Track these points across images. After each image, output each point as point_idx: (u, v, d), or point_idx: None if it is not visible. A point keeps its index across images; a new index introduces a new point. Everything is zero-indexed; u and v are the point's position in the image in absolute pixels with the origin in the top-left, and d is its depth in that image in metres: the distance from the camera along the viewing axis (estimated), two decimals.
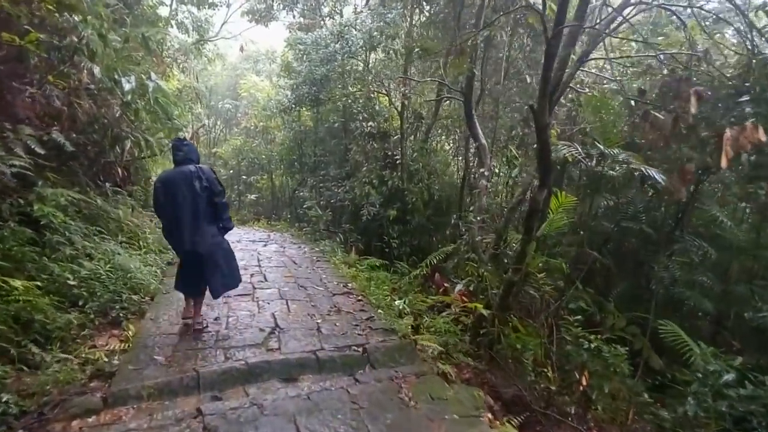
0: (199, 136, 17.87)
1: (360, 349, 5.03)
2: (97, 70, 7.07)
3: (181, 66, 17.78)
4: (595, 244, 9.65)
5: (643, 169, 6.82)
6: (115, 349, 4.82)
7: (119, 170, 9.92)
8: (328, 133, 17.45)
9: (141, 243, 8.31)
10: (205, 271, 5.16)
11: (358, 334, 5.46)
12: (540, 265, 6.88)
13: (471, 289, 7.44)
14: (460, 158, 13.90)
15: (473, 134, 8.53)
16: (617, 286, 9.69)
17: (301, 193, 17.79)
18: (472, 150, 11.74)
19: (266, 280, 7.38)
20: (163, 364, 4.45)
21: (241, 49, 19.89)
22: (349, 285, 7.53)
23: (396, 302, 7.66)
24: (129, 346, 4.88)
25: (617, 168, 9.07)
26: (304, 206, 15.94)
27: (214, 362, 4.49)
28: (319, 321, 5.73)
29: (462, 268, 10.44)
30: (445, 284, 9.43)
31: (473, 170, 11.87)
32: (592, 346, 6.26)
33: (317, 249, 10.67)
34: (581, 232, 9.51)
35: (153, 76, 7.55)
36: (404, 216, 11.88)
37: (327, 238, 13.29)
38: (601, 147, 7.62)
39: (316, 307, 6.24)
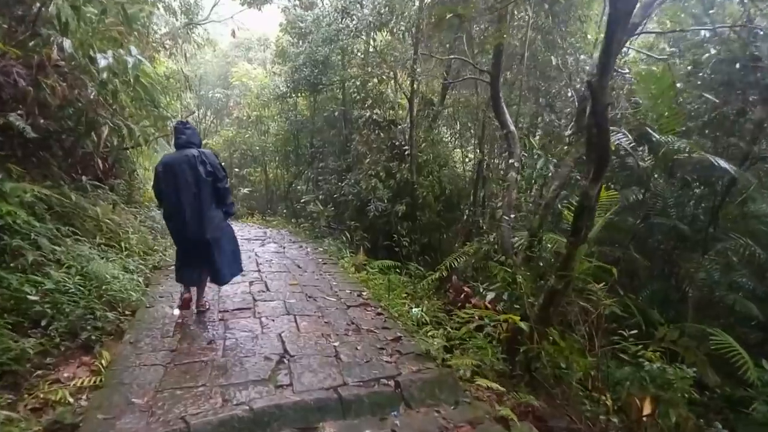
0: None
1: (391, 383, 4.03)
2: (68, 44, 6.01)
3: (169, 51, 16.66)
4: (617, 241, 8.79)
5: (711, 159, 5.91)
6: (84, 384, 3.81)
7: (100, 162, 8.87)
8: (326, 123, 16.46)
9: (122, 244, 7.28)
10: (211, 258, 5.10)
11: (386, 362, 4.43)
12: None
13: (504, 297, 6.47)
14: (468, 148, 12.93)
15: (500, 120, 7.54)
16: (645, 287, 8.85)
17: (298, 187, 16.79)
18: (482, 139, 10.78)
19: (268, 289, 6.34)
20: (143, 409, 3.42)
21: (233, 34, 18.71)
22: (364, 294, 6.54)
23: (413, 310, 6.75)
24: (101, 380, 3.86)
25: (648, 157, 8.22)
26: (302, 200, 14.98)
27: (208, 407, 3.44)
28: (336, 344, 4.68)
29: (482, 270, 9.48)
30: (465, 288, 8.49)
31: (486, 160, 10.92)
32: (655, 366, 5.32)
33: (321, 249, 9.67)
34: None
35: (134, 50, 6.47)
36: (414, 212, 10.91)
37: (329, 235, 12.32)
38: (654, 134, 6.70)
39: (330, 325, 5.20)
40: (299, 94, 14.73)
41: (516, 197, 7.47)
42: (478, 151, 11.32)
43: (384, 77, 10.65)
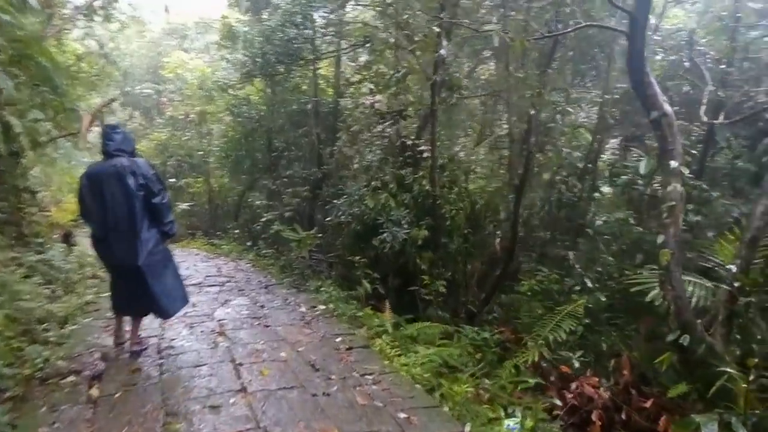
0: (103, 117, 12.76)
1: None
2: None
3: (83, 30, 12.85)
4: None
5: None
6: None
7: None
8: (290, 120, 13.06)
9: None
10: (148, 289, 4.26)
11: None
12: None
13: (734, 424, 3.38)
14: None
15: (645, 95, 4.44)
16: None
17: (256, 202, 13.32)
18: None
19: None
20: None
21: (166, 9, 14.99)
22: None
23: (509, 424, 3.75)
24: None
25: None
26: (263, 219, 11.57)
27: None
28: None
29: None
30: (564, 370, 5.43)
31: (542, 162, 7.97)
32: None
33: (320, 306, 6.23)
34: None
35: None
36: (437, 237, 7.73)
37: (308, 269, 8.95)
38: None
39: None
40: (258, 80, 11.22)
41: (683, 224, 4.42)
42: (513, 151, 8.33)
43: (393, 47, 7.38)
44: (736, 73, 6.25)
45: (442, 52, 5.70)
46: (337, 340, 4.87)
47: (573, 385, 5.14)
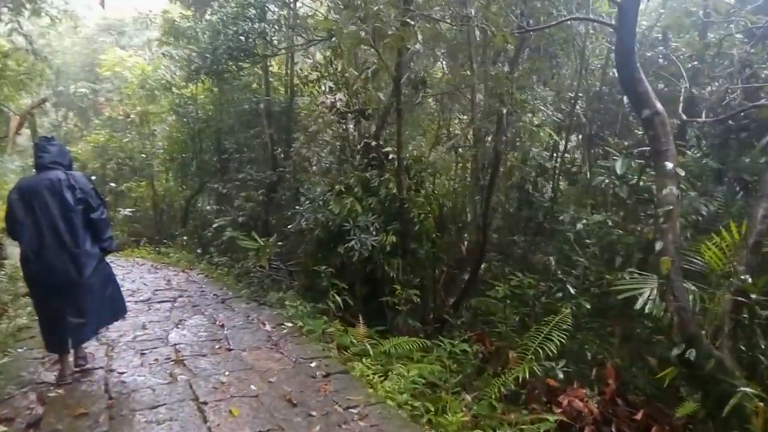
0: (34, 119, 11.71)
1: None
2: None
3: (9, 25, 11.81)
4: None
5: None
6: None
7: None
8: (239, 121, 12.48)
9: None
10: (83, 306, 4.04)
11: None
12: None
13: None
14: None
15: (636, 94, 4.19)
16: None
17: (206, 207, 12.63)
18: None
19: None
20: None
21: (102, 4, 13.98)
22: None
23: None
24: None
25: None
26: (215, 225, 10.98)
27: None
28: None
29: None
30: (550, 383, 5.15)
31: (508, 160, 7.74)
32: None
33: (287, 323, 5.71)
34: None
35: None
36: (405, 242, 7.36)
37: (268, 278, 8.44)
38: None
39: None
40: (205, 78, 10.50)
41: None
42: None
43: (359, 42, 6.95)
44: (706, 69, 6.19)
45: (417, 47, 5.32)
46: (312, 365, 4.41)
47: (564, 401, 4.88)
